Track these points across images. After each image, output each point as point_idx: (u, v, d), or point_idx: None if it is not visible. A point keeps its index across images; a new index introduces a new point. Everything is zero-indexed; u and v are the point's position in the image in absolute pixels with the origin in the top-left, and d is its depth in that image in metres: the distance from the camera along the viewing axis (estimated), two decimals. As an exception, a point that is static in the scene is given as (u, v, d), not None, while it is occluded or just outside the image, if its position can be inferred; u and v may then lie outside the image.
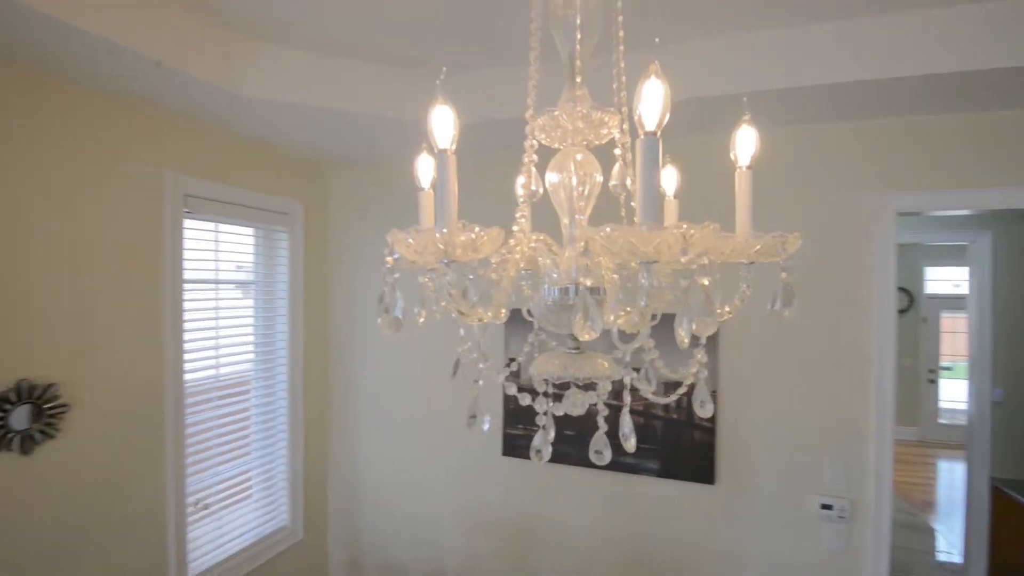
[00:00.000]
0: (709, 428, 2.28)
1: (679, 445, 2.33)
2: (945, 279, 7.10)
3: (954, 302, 6.86)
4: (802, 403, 2.18)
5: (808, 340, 2.17)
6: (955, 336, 7.10)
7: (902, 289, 7.03)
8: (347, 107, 2.04)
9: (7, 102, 1.62)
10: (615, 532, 2.46)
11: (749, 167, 0.81)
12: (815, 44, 1.72)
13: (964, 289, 4.36)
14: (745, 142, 0.81)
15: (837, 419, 2.14)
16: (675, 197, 1.01)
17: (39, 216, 1.71)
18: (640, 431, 2.36)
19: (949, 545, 4.41)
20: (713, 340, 2.26)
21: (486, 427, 0.81)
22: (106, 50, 1.54)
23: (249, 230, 2.60)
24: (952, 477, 6.04)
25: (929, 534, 4.65)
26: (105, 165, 1.89)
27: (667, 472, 2.35)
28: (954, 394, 6.93)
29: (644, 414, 2.36)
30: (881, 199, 2.08)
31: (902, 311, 7.03)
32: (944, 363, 7.22)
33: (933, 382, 7.17)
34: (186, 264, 2.19)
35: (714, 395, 2.27)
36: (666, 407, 2.34)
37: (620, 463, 2.40)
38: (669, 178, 1.02)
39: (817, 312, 2.15)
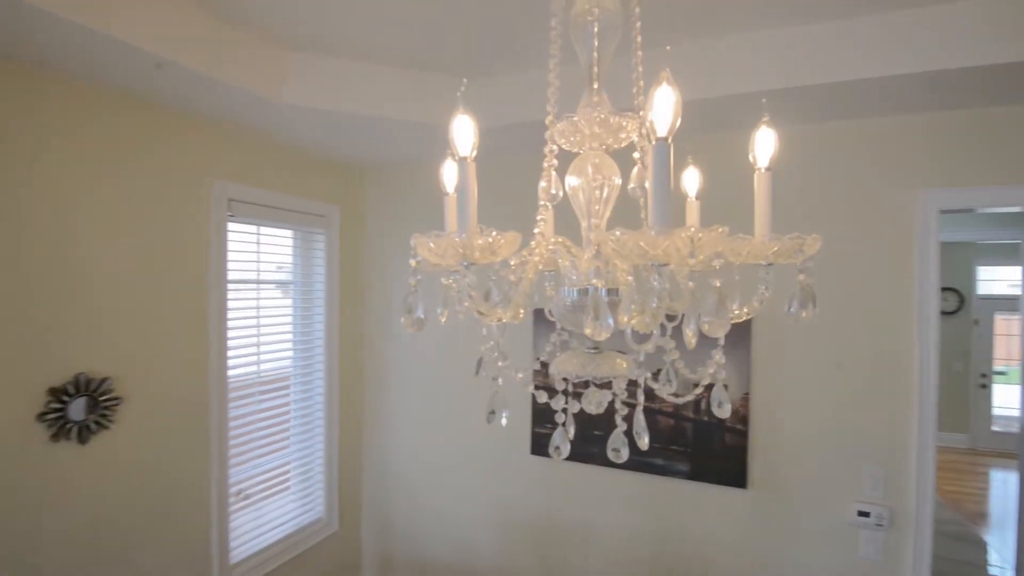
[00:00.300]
0: (741, 431, 2.25)
1: (710, 448, 2.30)
2: (1000, 279, 6.74)
3: (1009, 303, 6.51)
4: (839, 407, 2.13)
5: (846, 342, 2.11)
6: (1010, 339, 6.74)
7: (952, 290, 6.71)
8: (379, 113, 2.10)
9: (71, 113, 1.74)
10: (643, 533, 2.45)
11: (768, 168, 0.81)
12: (856, 37, 1.69)
13: (1019, 290, 4.14)
14: (764, 144, 0.81)
15: (876, 424, 2.08)
16: (696, 198, 1.01)
17: (96, 222, 1.83)
18: (670, 433, 2.35)
19: (1002, 559, 4.20)
20: (746, 342, 2.23)
21: (504, 422, 0.84)
22: (157, 64, 1.63)
23: (288, 232, 2.70)
24: (1006, 487, 5.74)
25: (980, 546, 4.44)
26: (158, 173, 2.00)
27: (697, 475, 2.32)
28: (1009, 400, 6.58)
29: (674, 416, 2.34)
30: (922, 196, 2.01)
31: (951, 313, 6.70)
32: (998, 368, 6.86)
33: (985, 387, 6.82)
34: (229, 265, 2.30)
35: (746, 397, 2.24)
36: (696, 409, 2.31)
37: (648, 464, 2.39)
38: (691, 179, 1.02)
39: (856, 313, 2.10)
